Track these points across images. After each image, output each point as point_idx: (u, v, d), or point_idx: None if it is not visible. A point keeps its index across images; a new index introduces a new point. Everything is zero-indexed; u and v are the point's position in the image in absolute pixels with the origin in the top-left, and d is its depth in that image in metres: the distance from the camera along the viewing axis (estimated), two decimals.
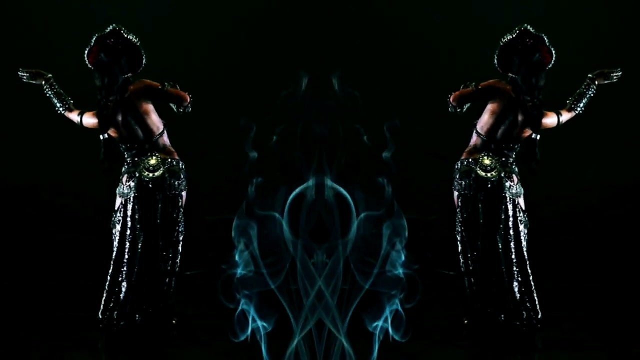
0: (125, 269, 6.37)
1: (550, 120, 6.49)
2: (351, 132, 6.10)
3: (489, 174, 6.44)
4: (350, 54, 8.98)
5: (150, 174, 6.44)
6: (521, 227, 6.47)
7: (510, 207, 6.44)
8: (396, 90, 9.15)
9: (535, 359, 6.10)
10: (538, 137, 6.47)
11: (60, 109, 6.58)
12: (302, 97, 6.13)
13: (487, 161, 6.46)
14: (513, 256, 6.41)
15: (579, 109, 6.56)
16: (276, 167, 5.82)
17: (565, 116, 6.55)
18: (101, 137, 6.46)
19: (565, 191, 9.29)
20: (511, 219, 6.43)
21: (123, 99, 6.44)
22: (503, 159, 6.49)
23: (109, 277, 6.43)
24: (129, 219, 6.42)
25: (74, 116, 6.56)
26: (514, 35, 6.43)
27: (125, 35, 6.44)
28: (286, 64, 8.38)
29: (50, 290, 7.95)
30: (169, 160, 6.49)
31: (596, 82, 6.55)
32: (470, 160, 6.49)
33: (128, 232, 6.41)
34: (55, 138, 9.03)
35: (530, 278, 6.42)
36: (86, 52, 6.43)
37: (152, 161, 6.46)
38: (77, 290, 7.84)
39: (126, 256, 6.40)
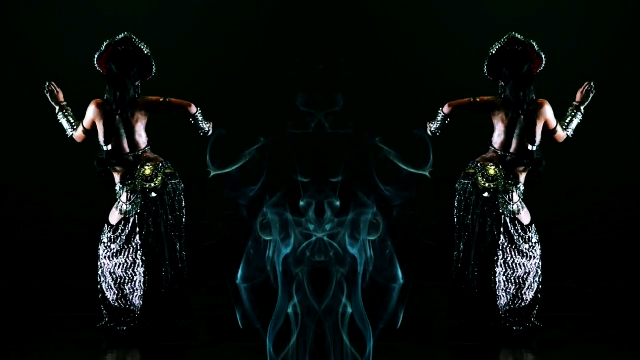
0: (134, 279, 6.40)
1: (561, 133, 6.46)
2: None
3: (487, 184, 6.39)
4: (351, 55, 8.99)
5: (152, 184, 6.43)
6: (521, 243, 6.39)
7: (508, 222, 6.39)
8: (396, 92, 9.17)
9: (534, 359, 6.10)
10: (534, 148, 6.40)
11: (71, 133, 6.57)
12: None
13: (492, 171, 6.41)
14: (497, 268, 6.37)
15: (570, 132, 6.53)
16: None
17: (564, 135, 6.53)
18: (105, 148, 6.44)
19: (566, 192, 9.29)
20: (504, 233, 6.38)
21: (125, 115, 6.41)
22: (511, 175, 6.41)
23: (113, 290, 6.43)
24: (136, 233, 6.42)
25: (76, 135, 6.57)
26: (502, 44, 6.39)
27: (137, 44, 6.44)
28: (285, 66, 8.41)
29: (49, 290, 7.98)
30: (160, 164, 6.48)
31: (581, 108, 6.53)
32: (479, 164, 6.44)
33: (134, 245, 6.42)
34: (52, 137, 9.03)
35: (525, 292, 6.40)
36: (96, 56, 6.43)
37: (147, 171, 6.44)
38: (76, 291, 7.87)
39: (141, 267, 6.41)
